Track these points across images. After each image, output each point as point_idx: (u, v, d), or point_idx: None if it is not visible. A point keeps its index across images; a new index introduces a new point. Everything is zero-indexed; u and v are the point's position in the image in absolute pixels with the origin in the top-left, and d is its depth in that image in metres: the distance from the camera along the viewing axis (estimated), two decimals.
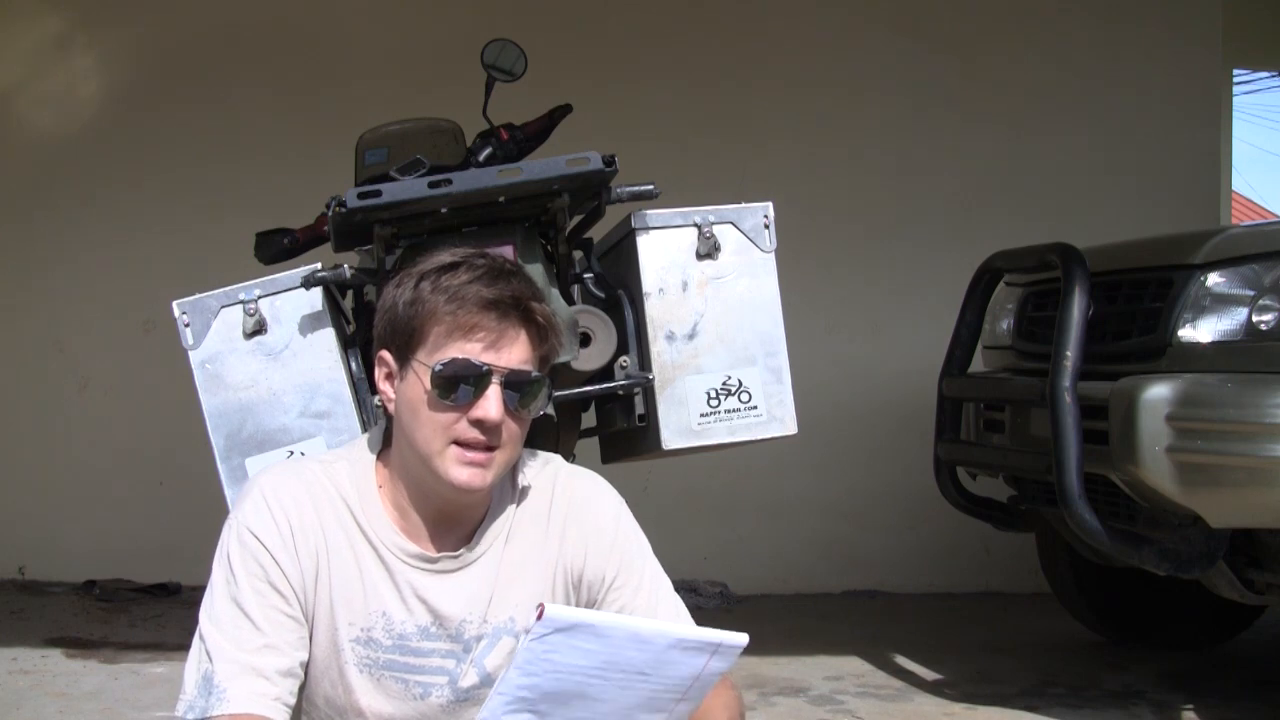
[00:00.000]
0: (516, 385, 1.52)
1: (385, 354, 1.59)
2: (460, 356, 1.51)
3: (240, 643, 1.50)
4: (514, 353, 1.53)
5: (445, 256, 1.57)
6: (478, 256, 1.57)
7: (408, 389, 1.55)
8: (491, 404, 1.50)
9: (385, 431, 1.64)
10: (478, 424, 1.51)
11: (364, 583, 1.57)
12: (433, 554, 1.59)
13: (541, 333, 1.56)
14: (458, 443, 1.52)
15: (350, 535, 1.58)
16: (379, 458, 1.63)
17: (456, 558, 1.59)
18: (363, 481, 1.60)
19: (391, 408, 1.60)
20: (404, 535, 1.59)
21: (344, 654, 1.57)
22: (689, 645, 1.33)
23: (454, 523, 1.61)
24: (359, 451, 1.64)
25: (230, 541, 1.56)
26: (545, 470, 1.68)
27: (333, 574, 1.56)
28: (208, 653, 1.51)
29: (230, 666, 1.49)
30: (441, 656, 1.59)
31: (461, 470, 1.52)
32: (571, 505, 1.66)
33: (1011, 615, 4.72)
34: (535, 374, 1.54)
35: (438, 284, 1.53)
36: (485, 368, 1.51)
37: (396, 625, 1.58)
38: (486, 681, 1.58)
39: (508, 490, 1.64)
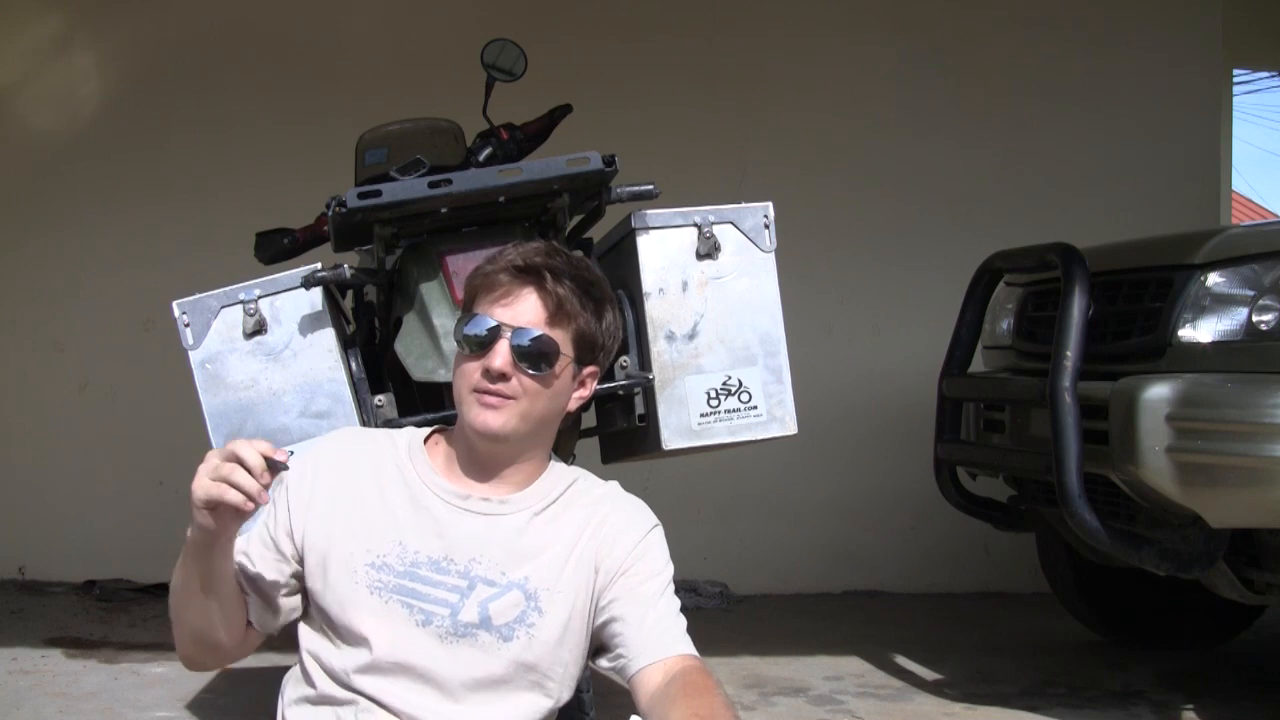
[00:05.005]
0: (525, 346, 1.67)
1: None
2: (478, 313, 1.70)
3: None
4: (523, 311, 1.69)
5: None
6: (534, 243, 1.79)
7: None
8: (498, 356, 1.67)
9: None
10: (487, 373, 1.67)
11: (387, 510, 1.72)
12: (465, 492, 1.73)
13: (553, 301, 1.70)
14: (476, 390, 1.68)
15: (384, 471, 1.75)
16: (438, 432, 1.83)
17: (487, 501, 1.73)
18: (414, 441, 1.81)
19: None
20: (443, 475, 1.76)
21: (357, 575, 1.69)
22: None
23: (490, 477, 1.75)
24: (417, 427, 1.87)
25: None
26: (605, 484, 1.84)
27: (356, 498, 1.72)
28: None
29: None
30: (448, 590, 1.69)
31: (479, 413, 1.68)
32: (615, 509, 1.79)
33: (1011, 615, 4.71)
34: (542, 335, 1.68)
35: (492, 259, 1.74)
36: (495, 322, 1.68)
37: (410, 554, 1.70)
38: (485, 624, 1.68)
39: (561, 478, 1.80)
